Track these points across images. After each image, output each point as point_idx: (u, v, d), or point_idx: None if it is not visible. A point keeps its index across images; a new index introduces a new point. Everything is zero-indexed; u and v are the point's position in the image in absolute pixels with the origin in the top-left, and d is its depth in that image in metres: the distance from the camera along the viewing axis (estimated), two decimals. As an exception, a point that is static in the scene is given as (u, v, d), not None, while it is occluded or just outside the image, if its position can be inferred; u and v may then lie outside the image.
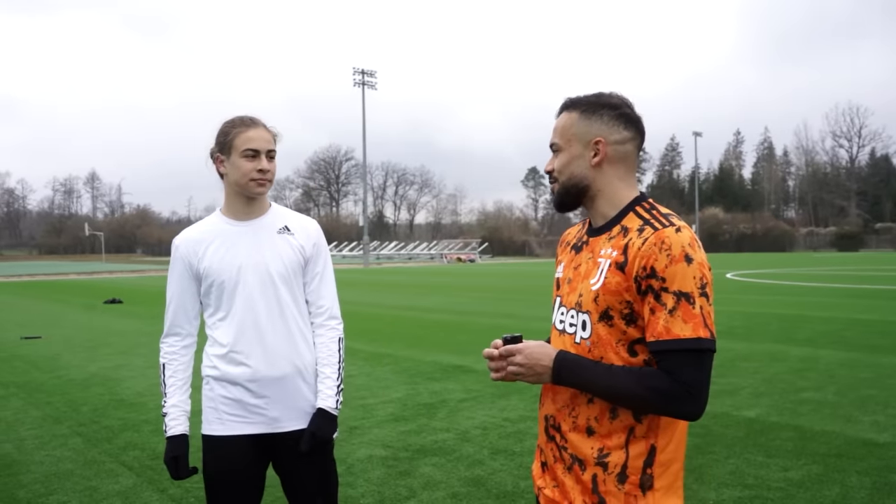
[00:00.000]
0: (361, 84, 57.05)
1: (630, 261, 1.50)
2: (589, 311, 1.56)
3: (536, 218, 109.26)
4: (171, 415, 2.27)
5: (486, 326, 12.14)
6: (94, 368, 8.45)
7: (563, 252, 1.80)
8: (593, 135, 1.60)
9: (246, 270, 2.23)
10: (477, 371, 7.81)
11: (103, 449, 5.07)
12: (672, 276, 1.44)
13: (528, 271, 36.88)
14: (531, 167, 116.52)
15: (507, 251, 79.41)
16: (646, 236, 1.50)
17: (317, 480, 2.31)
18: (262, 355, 2.23)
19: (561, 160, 1.65)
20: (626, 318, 1.51)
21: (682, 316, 1.43)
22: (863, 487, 4.04)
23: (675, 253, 1.45)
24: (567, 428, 1.59)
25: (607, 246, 1.58)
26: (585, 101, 1.64)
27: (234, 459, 2.23)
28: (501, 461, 4.65)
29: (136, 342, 10.71)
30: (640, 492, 1.51)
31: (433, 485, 4.23)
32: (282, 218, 2.34)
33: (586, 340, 1.56)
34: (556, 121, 1.68)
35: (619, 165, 1.63)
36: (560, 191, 1.66)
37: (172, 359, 2.31)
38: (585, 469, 1.55)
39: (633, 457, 1.51)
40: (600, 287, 1.54)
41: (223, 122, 2.28)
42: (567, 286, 1.68)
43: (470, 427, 5.50)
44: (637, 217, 1.58)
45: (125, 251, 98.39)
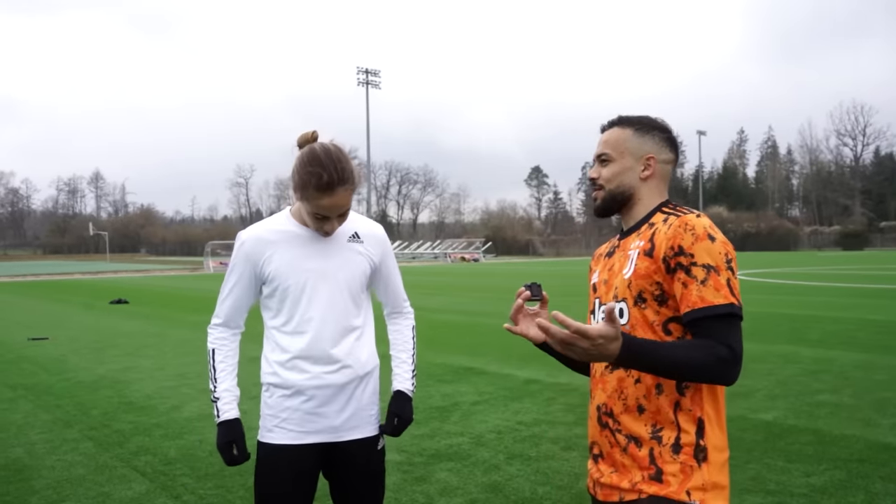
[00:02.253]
0: (365, 83, 57.06)
1: (657, 245, 1.65)
2: (625, 298, 1.69)
3: (540, 217, 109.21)
4: (223, 399, 2.22)
5: (495, 328, 12.06)
6: (102, 370, 8.41)
7: (597, 262, 1.95)
8: (645, 151, 1.79)
9: (315, 278, 2.18)
10: (489, 373, 7.75)
11: (115, 454, 5.03)
12: (699, 251, 1.59)
13: (533, 271, 36.81)
14: (535, 166, 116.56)
15: (511, 251, 79.30)
16: (670, 222, 1.67)
17: (368, 488, 2.29)
18: (325, 364, 2.19)
19: (612, 170, 1.81)
20: (658, 300, 1.65)
21: (713, 285, 1.56)
22: (888, 494, 3.98)
23: (699, 232, 1.61)
24: (619, 410, 1.69)
25: (636, 240, 1.75)
26: (637, 120, 1.82)
27: (291, 469, 2.19)
28: (518, 466, 4.59)
29: (144, 343, 10.68)
30: (696, 462, 1.60)
31: (450, 491, 4.17)
32: (351, 224, 2.26)
33: (625, 326, 1.67)
34: (606, 134, 1.84)
35: (661, 182, 1.82)
36: (606, 197, 1.82)
37: (222, 344, 2.27)
38: (642, 446, 1.64)
39: (685, 429, 1.62)
40: (632, 274, 1.68)
41: (305, 162, 2.05)
42: (604, 286, 1.82)
43: (484, 431, 5.44)
44: (662, 213, 1.76)
45: (129, 251, 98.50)
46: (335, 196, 2.06)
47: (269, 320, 2.25)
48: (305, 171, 2.04)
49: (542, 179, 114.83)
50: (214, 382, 2.24)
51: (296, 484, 2.20)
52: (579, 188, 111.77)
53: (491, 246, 71.08)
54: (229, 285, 2.26)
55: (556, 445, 5.03)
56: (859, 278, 24.31)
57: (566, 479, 4.33)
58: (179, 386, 7.39)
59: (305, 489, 2.22)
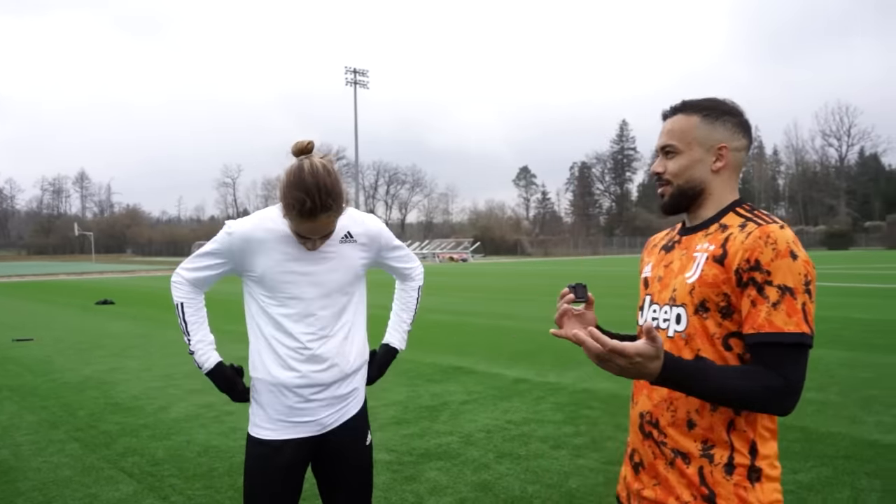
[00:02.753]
0: (353, 83, 56.99)
1: (731, 254, 1.50)
2: (684, 304, 1.56)
3: (528, 217, 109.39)
4: (199, 350, 2.26)
5: (484, 327, 12.09)
6: (88, 371, 8.34)
7: (651, 253, 1.81)
8: (717, 140, 1.61)
9: (304, 280, 2.17)
10: (477, 372, 7.75)
11: (102, 455, 4.99)
12: (777, 269, 1.45)
13: (522, 271, 36.88)
14: (522, 166, 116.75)
15: (500, 251, 79.38)
16: (749, 230, 1.51)
17: (356, 484, 2.29)
18: (313, 362, 2.19)
19: (679, 163, 1.64)
20: (723, 312, 1.51)
21: (786, 310, 1.43)
22: (873, 490, 4.02)
23: (781, 248, 1.45)
24: (665, 423, 1.58)
25: (704, 241, 1.59)
26: (706, 105, 1.63)
27: (278, 463, 2.19)
28: (507, 465, 4.59)
29: (130, 344, 10.60)
30: (749, 483, 1.50)
31: (440, 490, 4.17)
32: (344, 224, 2.23)
33: (681, 333, 1.56)
34: (670, 123, 1.66)
35: (733, 172, 1.65)
36: (675, 193, 1.65)
37: (190, 299, 2.28)
38: (690, 462, 1.54)
39: (738, 449, 1.51)
40: (696, 279, 1.54)
41: (292, 184, 2.00)
42: (658, 283, 1.68)
43: (473, 430, 5.44)
44: (737, 216, 1.59)
45: (115, 251, 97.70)
46: (317, 222, 2.04)
47: (257, 316, 2.24)
48: (290, 195, 2.01)
49: (531, 179, 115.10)
50: (188, 335, 2.26)
51: (283, 478, 2.20)
52: (567, 188, 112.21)
53: (479, 246, 71.14)
54: (204, 262, 2.25)
55: (545, 444, 5.04)
56: (844, 277, 24.53)
57: (555, 478, 4.34)
58: (166, 387, 7.34)
59: (293, 484, 2.23)
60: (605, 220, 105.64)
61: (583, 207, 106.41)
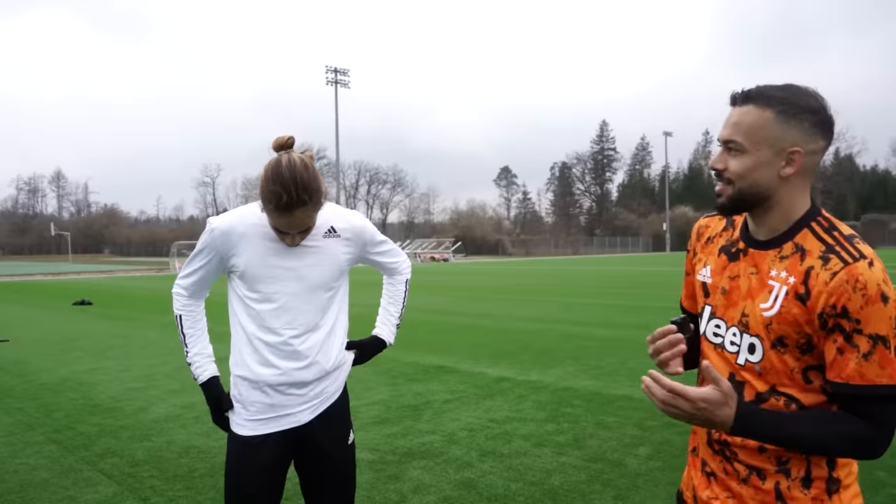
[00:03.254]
0: (334, 83, 56.76)
1: (814, 295, 1.36)
2: (759, 336, 1.43)
3: (509, 217, 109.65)
4: (196, 363, 2.28)
5: (466, 326, 12.11)
6: (65, 372, 8.23)
7: (706, 251, 1.62)
8: (790, 142, 1.40)
9: (285, 275, 2.17)
10: (459, 371, 7.76)
11: (80, 456, 4.93)
12: (867, 317, 1.32)
13: (503, 270, 36.95)
14: (503, 166, 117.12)
15: (481, 250, 79.47)
16: (833, 269, 1.35)
17: (338, 482, 2.29)
18: (294, 360, 2.19)
19: (744, 164, 1.43)
20: (802, 348, 1.40)
21: (878, 361, 1.33)
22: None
23: (871, 293, 1.32)
24: (737, 443, 1.48)
25: (780, 267, 1.43)
26: (783, 99, 1.40)
27: (260, 459, 2.19)
28: (490, 463, 4.60)
29: (109, 345, 10.47)
30: (827, 496, 1.43)
31: (423, 488, 4.17)
32: (327, 219, 2.23)
33: (755, 365, 1.44)
34: (739, 113, 1.43)
35: (806, 178, 1.45)
36: (735, 196, 1.46)
37: (189, 311, 2.31)
38: (766, 478, 1.46)
39: (816, 461, 1.43)
40: (775, 315, 1.41)
41: (269, 178, 2.01)
42: (723, 298, 1.53)
43: (456, 429, 5.45)
44: (815, 237, 1.42)
45: (92, 251, 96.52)
46: (293, 217, 2.04)
47: (239, 313, 2.23)
48: (267, 189, 2.01)
49: (511, 179, 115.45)
50: (186, 347, 2.28)
51: (264, 476, 2.19)
52: (548, 188, 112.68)
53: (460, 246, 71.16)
54: (194, 266, 2.27)
55: (527, 442, 5.06)
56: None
57: (538, 476, 4.35)
58: (146, 387, 7.27)
59: (275, 481, 2.23)
60: (586, 219, 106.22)
61: (563, 207, 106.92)
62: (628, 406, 6.05)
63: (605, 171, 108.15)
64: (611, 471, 4.42)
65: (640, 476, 4.31)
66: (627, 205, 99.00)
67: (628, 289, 21.00)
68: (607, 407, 6.06)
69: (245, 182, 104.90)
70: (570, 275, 30.50)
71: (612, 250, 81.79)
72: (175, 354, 9.30)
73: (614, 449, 4.87)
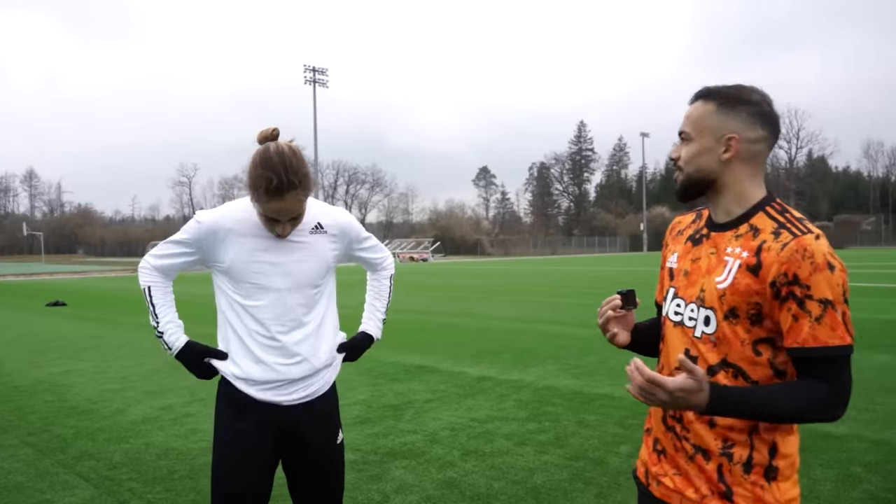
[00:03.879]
0: (313, 82, 56.47)
1: (766, 265, 1.49)
2: (713, 308, 1.56)
3: (488, 217, 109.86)
4: (168, 331, 2.24)
5: (446, 325, 12.11)
6: (40, 374, 8.09)
7: (676, 241, 1.78)
8: (728, 130, 1.58)
9: (272, 271, 2.15)
10: (440, 371, 7.75)
11: (56, 459, 4.84)
12: (816, 283, 1.45)
13: (482, 270, 37.01)
14: (482, 167, 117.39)
15: (460, 250, 79.52)
16: (784, 241, 1.49)
17: (326, 481, 2.27)
18: (282, 356, 2.17)
19: (690, 151, 1.63)
20: (752, 318, 1.52)
21: (829, 324, 1.45)
22: (827, 480, 4.14)
23: (819, 261, 1.45)
24: (690, 418, 1.60)
25: (735, 244, 1.57)
26: (724, 93, 1.60)
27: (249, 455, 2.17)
28: (473, 462, 4.60)
29: (84, 346, 10.31)
30: (766, 482, 1.54)
31: (406, 488, 4.16)
32: (314, 215, 2.23)
33: (710, 336, 1.57)
34: (690, 109, 1.65)
35: (749, 164, 1.60)
36: (684, 181, 1.65)
37: (157, 282, 2.27)
38: (710, 459, 1.57)
39: (758, 448, 1.54)
40: (728, 286, 1.54)
41: (257, 164, 2.02)
42: (684, 278, 1.67)
43: (438, 428, 5.44)
44: (768, 218, 1.57)
45: (66, 252, 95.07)
46: (284, 201, 2.02)
47: (226, 310, 2.21)
48: (256, 174, 2.01)
49: (490, 180, 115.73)
50: (156, 318, 2.23)
51: (254, 470, 2.17)
52: (526, 188, 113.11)
53: (439, 246, 71.16)
54: (171, 251, 2.23)
55: (509, 441, 5.07)
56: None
57: (521, 474, 4.36)
58: (123, 389, 7.17)
59: (263, 477, 2.20)
60: (564, 220, 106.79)
61: (542, 207, 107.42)
62: (609, 405, 6.09)
63: (583, 172, 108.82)
64: (592, 469, 4.44)
65: (621, 474, 4.33)
66: (605, 205, 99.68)
67: (607, 288, 21.12)
68: (588, 406, 6.08)
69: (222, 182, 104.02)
70: (550, 274, 30.62)
71: (590, 250, 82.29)
72: (151, 356, 9.19)
73: (596, 447, 4.89)
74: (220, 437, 2.21)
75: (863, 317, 11.79)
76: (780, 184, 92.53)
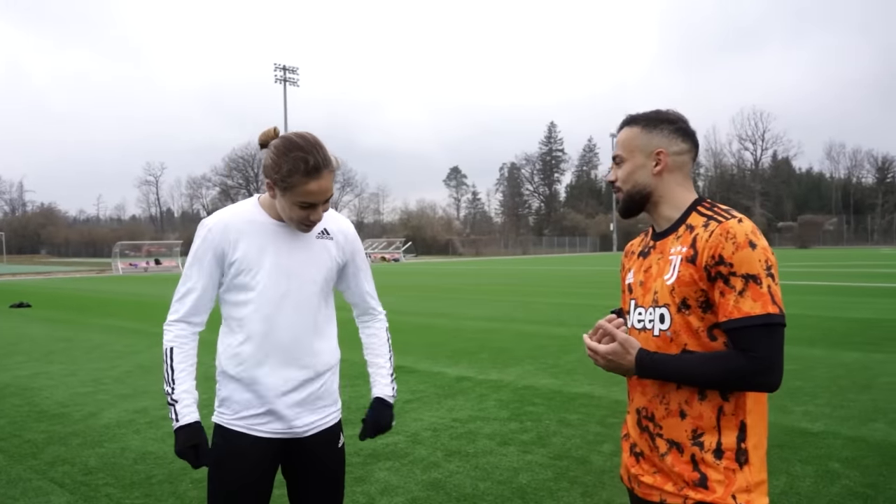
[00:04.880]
0: (283, 80, 55.98)
1: (699, 253, 1.63)
2: (667, 304, 1.68)
3: (459, 217, 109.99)
4: (183, 402, 2.07)
5: (421, 326, 12.07)
6: (6, 378, 7.88)
7: (630, 260, 1.93)
8: (655, 146, 1.77)
9: (281, 271, 2.11)
10: (419, 371, 7.72)
11: (28, 465, 4.71)
12: (739, 261, 1.57)
13: (454, 270, 37.04)
14: (453, 167, 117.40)
15: (431, 250, 79.50)
16: (711, 228, 1.64)
17: (327, 485, 2.23)
18: (287, 360, 2.12)
19: (625, 170, 1.80)
20: (703, 306, 1.64)
21: (751, 296, 1.56)
22: (807, 476, 4.20)
23: (741, 241, 1.58)
24: (661, 415, 1.70)
25: (676, 244, 1.72)
26: (645, 116, 1.80)
27: (251, 459, 2.11)
28: (457, 463, 4.59)
29: (52, 349, 10.08)
30: (738, 465, 1.62)
31: (391, 490, 4.13)
32: (321, 222, 2.19)
33: (666, 331, 1.68)
34: (619, 135, 1.84)
35: (677, 173, 1.79)
36: (625, 198, 1.82)
37: (182, 342, 2.11)
38: (683, 451, 1.66)
39: (726, 434, 1.62)
40: (675, 280, 1.67)
41: (286, 152, 1.98)
42: (640, 288, 1.81)
43: (420, 429, 5.41)
44: (700, 215, 1.73)
45: (28, 252, 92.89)
46: (322, 179, 1.99)
47: (229, 311, 2.16)
48: (290, 158, 1.97)
49: (461, 180, 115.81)
50: (172, 384, 2.09)
51: (255, 475, 2.13)
52: (497, 188, 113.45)
53: (411, 246, 71.05)
54: (192, 279, 2.12)
55: (492, 441, 5.06)
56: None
57: (506, 474, 4.36)
58: (95, 392, 7.01)
59: (264, 484, 2.15)
60: (535, 220, 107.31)
61: (512, 208, 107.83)
62: (589, 403, 6.12)
63: (554, 172, 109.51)
64: (577, 468, 4.45)
65: (605, 473, 4.35)
66: (575, 205, 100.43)
67: (579, 287, 21.28)
68: (569, 405, 6.11)
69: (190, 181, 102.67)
70: (522, 274, 30.76)
71: (561, 250, 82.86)
72: (124, 358, 9.02)
73: (578, 446, 4.91)
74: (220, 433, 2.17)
75: (830, 315, 12.05)
76: (745, 185, 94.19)
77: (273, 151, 2.01)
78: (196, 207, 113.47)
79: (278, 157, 1.99)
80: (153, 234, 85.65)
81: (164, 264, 44.08)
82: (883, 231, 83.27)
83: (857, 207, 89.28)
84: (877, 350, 8.56)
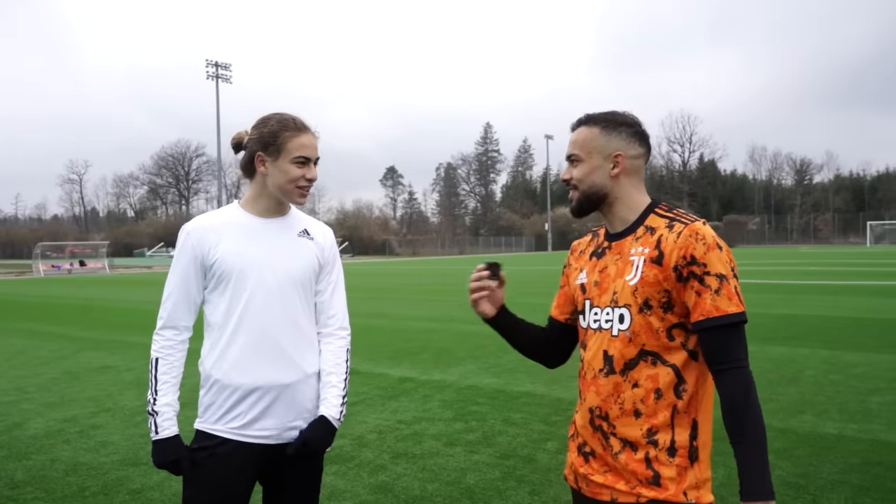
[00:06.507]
0: (215, 77, 54.62)
1: (666, 254, 1.65)
2: (628, 305, 1.69)
3: (396, 217, 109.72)
4: (163, 414, 2.03)
5: (360, 327, 11.95)
6: (-80, 388, 7.41)
7: (580, 259, 1.92)
8: (613, 149, 1.77)
9: (263, 269, 2.07)
10: (361, 373, 7.65)
11: (-52, 480, 4.44)
12: (711, 261, 1.61)
13: (392, 270, 36.93)
14: (389, 166, 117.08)
15: (368, 250, 79.04)
16: (678, 230, 1.66)
17: (304, 492, 2.16)
18: (271, 360, 2.06)
19: (581, 170, 1.80)
20: (664, 307, 1.66)
21: (726, 294, 1.60)
22: (778, 467, 4.34)
23: (710, 242, 1.63)
24: (615, 414, 1.70)
25: (636, 245, 1.73)
26: (604, 118, 1.80)
27: (231, 466, 2.04)
28: (404, 465, 4.56)
29: (-31, 356, 9.53)
30: (689, 463, 1.65)
31: (338, 494, 4.07)
32: (301, 221, 2.22)
33: (625, 331, 1.69)
34: (575, 134, 1.83)
35: (633, 176, 1.80)
36: (580, 198, 1.82)
37: (168, 353, 2.08)
38: (637, 449, 1.67)
39: (679, 432, 1.65)
40: (638, 281, 1.68)
41: (268, 119, 2.11)
42: (595, 288, 1.80)
43: (364, 431, 5.36)
44: (659, 217, 1.75)
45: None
46: (309, 134, 2.10)
47: (211, 312, 2.10)
48: (274, 121, 2.08)
49: (398, 179, 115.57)
50: (154, 395, 2.05)
51: (236, 481, 2.06)
52: (434, 188, 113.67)
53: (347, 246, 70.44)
54: (174, 282, 2.10)
55: (438, 442, 5.05)
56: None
57: (454, 475, 4.35)
58: (19, 401, 6.67)
59: (245, 490, 2.09)
60: (471, 220, 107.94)
61: (449, 207, 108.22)
62: (532, 402, 6.18)
63: (490, 173, 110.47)
64: (523, 467, 4.49)
65: (551, 471, 4.40)
66: (511, 205, 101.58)
67: (517, 286, 21.51)
68: (512, 404, 6.16)
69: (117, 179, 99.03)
70: (460, 274, 30.89)
71: (497, 249, 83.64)
72: (49, 365, 8.62)
73: (524, 445, 4.95)
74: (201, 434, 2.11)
75: (757, 312, 12.53)
76: (674, 186, 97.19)
77: (255, 127, 2.11)
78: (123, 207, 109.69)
79: (264, 125, 2.09)
80: (77, 235, 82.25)
81: (89, 266, 42.38)
82: (801, 230, 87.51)
83: (777, 208, 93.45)
84: (801, 345, 8.96)
